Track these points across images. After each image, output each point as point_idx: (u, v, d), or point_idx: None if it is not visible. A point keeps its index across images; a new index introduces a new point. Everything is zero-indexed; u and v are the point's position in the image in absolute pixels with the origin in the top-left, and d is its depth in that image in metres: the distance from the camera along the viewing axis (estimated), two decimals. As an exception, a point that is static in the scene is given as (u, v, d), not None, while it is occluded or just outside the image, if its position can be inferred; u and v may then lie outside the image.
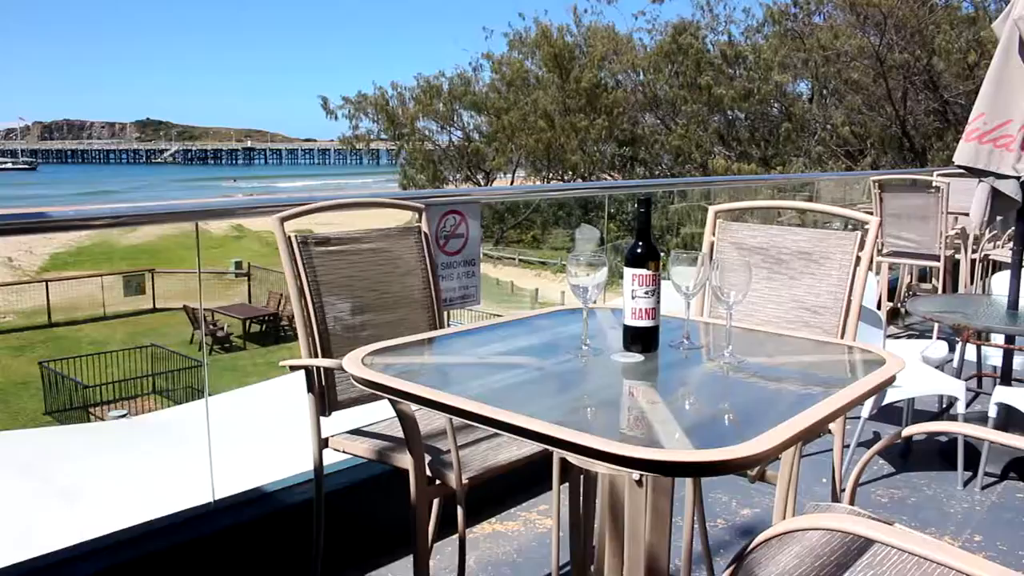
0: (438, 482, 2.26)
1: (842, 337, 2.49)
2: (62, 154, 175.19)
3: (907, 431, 1.93)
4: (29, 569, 2.48)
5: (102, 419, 15.15)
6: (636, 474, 1.65)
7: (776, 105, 26.80)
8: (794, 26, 25.30)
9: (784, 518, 2.27)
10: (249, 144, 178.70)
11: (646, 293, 1.91)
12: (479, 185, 33.41)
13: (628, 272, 1.91)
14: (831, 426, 2.53)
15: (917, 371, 3.92)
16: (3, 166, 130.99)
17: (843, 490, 2.46)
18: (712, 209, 2.81)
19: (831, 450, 2.60)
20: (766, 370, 1.97)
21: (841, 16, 23.73)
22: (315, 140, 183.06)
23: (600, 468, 1.68)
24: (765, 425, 1.46)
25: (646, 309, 1.92)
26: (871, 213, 5.79)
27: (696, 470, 1.50)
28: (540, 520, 3.35)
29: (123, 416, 14.49)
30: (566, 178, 31.32)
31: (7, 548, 2.87)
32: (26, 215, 2.60)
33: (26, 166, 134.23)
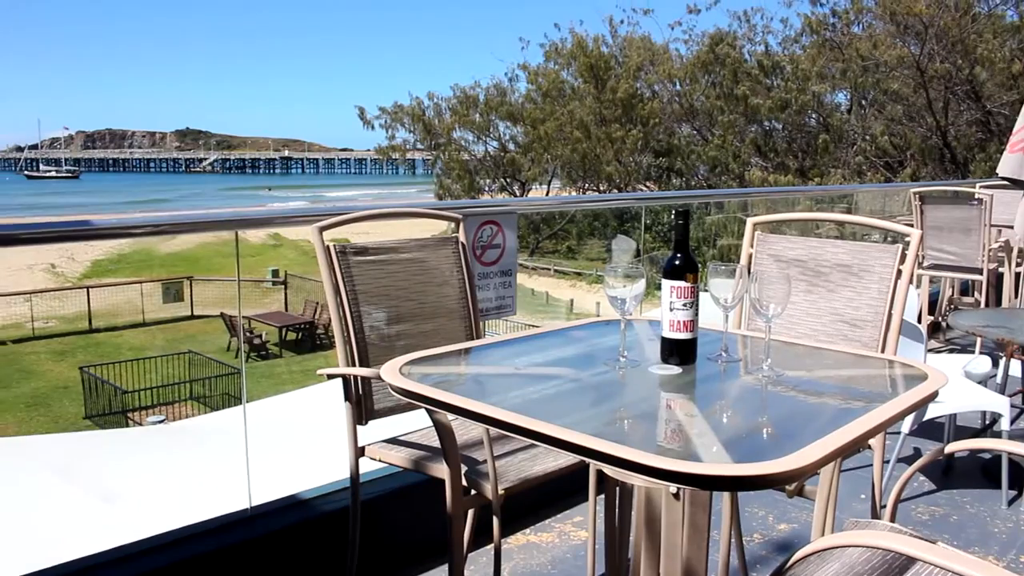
0: (474, 492, 2.26)
1: (882, 351, 2.46)
2: (104, 163, 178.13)
3: (950, 448, 1.90)
4: (66, 572, 2.52)
5: (140, 424, 15.36)
6: (673, 487, 1.64)
7: (814, 116, 26.57)
8: (832, 36, 25.08)
9: (823, 534, 2.24)
10: (286, 153, 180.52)
11: (684, 305, 1.90)
12: (515, 195, 33.48)
13: (666, 284, 1.91)
14: (871, 441, 2.50)
15: (959, 386, 3.86)
16: (47, 174, 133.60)
17: (883, 506, 2.43)
18: (750, 221, 2.79)
19: (870, 465, 2.56)
20: (805, 384, 1.95)
21: (880, 26, 23.49)
22: (351, 150, 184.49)
23: (637, 480, 1.67)
24: (804, 439, 1.45)
25: (684, 321, 1.91)
26: (911, 225, 5.71)
27: (735, 484, 1.49)
28: (575, 532, 3.34)
29: (161, 421, 14.66)
30: (601, 189, 31.28)
31: (46, 550, 2.90)
32: (71, 223, 2.66)
33: (69, 174, 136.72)
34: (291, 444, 5.17)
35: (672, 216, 1.95)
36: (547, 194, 34.51)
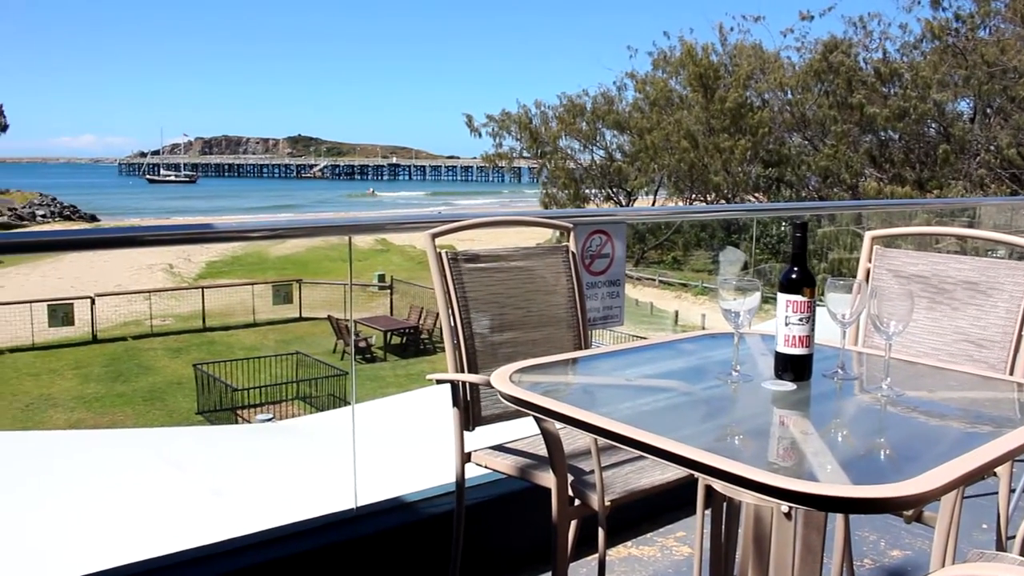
0: (578, 502, 2.25)
1: (1011, 373, 2.34)
2: (219, 168, 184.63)
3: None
4: (178, 561, 2.62)
5: (249, 421, 15.83)
6: (785, 506, 1.59)
7: (934, 125, 25.58)
8: (955, 42, 24.11)
9: (943, 564, 2.15)
10: (394, 160, 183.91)
11: (800, 320, 1.85)
12: (620, 205, 33.31)
13: (782, 298, 1.86)
14: (997, 468, 2.38)
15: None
16: (166, 178, 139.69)
17: (1010, 538, 2.31)
18: (868, 235, 2.71)
19: (994, 494, 2.44)
20: (927, 405, 1.87)
21: (1010, 29, 22.49)
22: (458, 157, 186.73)
23: (747, 498, 1.63)
24: (926, 463, 1.40)
25: (800, 336, 1.86)
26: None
27: (853, 506, 1.44)
28: (677, 547, 3.29)
29: (269, 420, 15.08)
30: (709, 199, 30.84)
31: (158, 539, 3.02)
32: (194, 226, 2.78)
33: (187, 179, 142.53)
34: (395, 446, 5.24)
35: (781, 228, 1.93)
36: (653, 204, 34.25)
